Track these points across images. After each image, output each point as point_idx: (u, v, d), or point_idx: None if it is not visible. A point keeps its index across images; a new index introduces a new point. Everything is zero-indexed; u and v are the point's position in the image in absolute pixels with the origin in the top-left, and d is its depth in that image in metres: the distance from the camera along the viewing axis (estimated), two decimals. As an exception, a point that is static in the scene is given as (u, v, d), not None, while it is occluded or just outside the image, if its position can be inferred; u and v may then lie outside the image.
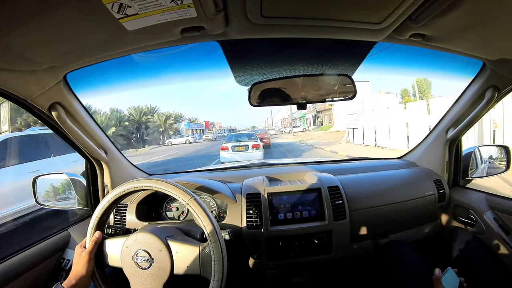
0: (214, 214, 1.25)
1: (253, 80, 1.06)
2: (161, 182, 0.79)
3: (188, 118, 47.15)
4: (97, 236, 0.81)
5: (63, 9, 0.52)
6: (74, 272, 0.77)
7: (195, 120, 50.58)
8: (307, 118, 39.95)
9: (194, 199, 0.77)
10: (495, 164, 1.39)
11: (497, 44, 0.80)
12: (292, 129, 30.51)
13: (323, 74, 1.12)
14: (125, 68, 1.15)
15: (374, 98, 15.87)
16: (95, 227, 0.82)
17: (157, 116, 35.69)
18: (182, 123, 40.52)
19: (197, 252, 0.75)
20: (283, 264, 1.17)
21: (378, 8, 0.62)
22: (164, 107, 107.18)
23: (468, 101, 1.17)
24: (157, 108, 37.00)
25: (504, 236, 1.10)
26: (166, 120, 35.90)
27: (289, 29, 0.72)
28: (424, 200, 1.30)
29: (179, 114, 41.66)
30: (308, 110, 33.52)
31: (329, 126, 28.87)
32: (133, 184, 0.79)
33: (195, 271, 0.74)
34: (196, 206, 0.76)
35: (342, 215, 1.16)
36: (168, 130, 35.87)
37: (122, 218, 1.20)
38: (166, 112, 37.90)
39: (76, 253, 0.80)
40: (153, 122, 34.91)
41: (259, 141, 9.11)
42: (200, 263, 0.74)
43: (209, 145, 22.42)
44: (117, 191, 0.80)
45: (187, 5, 0.56)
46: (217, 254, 0.72)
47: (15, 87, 0.78)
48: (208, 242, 0.74)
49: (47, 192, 1.26)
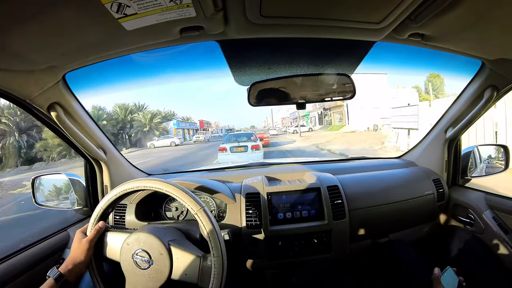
0: (214, 214, 1.25)
1: (252, 80, 1.06)
2: (174, 188, 0.78)
3: (181, 117, 42.13)
4: (100, 225, 0.81)
5: (62, 8, 0.52)
6: (72, 257, 0.76)
7: (189, 119, 45.34)
8: (311, 116, 35.74)
9: (203, 210, 0.76)
10: (494, 163, 1.39)
11: (496, 44, 0.80)
12: (299, 129, 25.56)
13: (322, 73, 1.12)
14: (124, 68, 1.14)
15: (392, 93, 14.79)
16: (98, 217, 0.81)
17: (142, 114, 31.38)
18: (170, 122, 35.22)
19: (197, 262, 0.74)
20: (282, 263, 1.17)
21: (377, 7, 0.62)
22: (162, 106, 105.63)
23: (467, 101, 1.18)
24: (146, 105, 32.94)
25: (503, 235, 1.11)
26: (152, 119, 31.44)
27: (288, 29, 0.72)
28: (423, 200, 1.31)
29: (171, 112, 37.38)
30: (314, 108, 30.21)
31: (340, 126, 24.84)
32: (144, 183, 0.79)
33: (193, 279, 0.74)
34: (205, 218, 0.75)
35: (342, 215, 1.16)
36: (154, 130, 31.07)
37: (122, 218, 1.20)
38: (154, 110, 33.21)
39: (76, 238, 0.79)
40: (138, 121, 30.56)
41: (258, 141, 8.80)
42: (199, 273, 0.74)
43: (197, 149, 18.37)
44: (128, 186, 0.80)
45: (186, 5, 0.56)
46: (218, 268, 0.72)
47: (14, 87, 0.78)
48: (211, 255, 0.73)
49: (46, 192, 1.26)
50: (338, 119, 27.53)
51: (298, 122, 28.07)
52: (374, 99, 14.77)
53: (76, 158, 16.38)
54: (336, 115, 27.88)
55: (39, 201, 1.20)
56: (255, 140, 8.85)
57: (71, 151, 16.98)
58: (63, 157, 19.07)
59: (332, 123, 29.10)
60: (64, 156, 19.04)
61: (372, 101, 15.54)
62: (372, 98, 14.10)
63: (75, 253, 0.77)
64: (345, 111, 23.92)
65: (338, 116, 27.43)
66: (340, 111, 25.95)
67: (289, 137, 23.67)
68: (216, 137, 36.58)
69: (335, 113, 28.09)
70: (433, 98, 16.21)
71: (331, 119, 29.88)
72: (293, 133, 28.41)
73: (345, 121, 24.44)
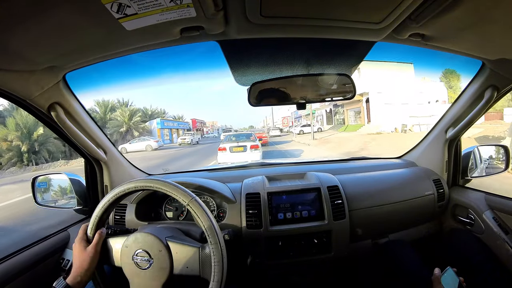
0: (214, 214, 1.25)
1: (252, 80, 1.06)
2: (162, 183, 0.78)
3: (172, 116, 37.50)
4: (102, 231, 0.80)
5: (62, 9, 0.52)
6: (79, 267, 0.74)
7: (180, 118, 39.58)
8: (318, 115, 29.46)
9: (194, 200, 0.76)
10: (494, 163, 1.39)
11: (496, 44, 0.80)
12: (312, 129, 18.72)
13: (322, 74, 1.12)
14: (125, 68, 1.16)
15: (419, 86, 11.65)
16: (95, 226, 0.81)
17: (120, 111, 26.25)
18: (154, 121, 29.12)
19: (197, 253, 0.75)
20: (282, 263, 1.17)
21: (377, 8, 0.62)
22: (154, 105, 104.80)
23: (468, 101, 1.18)
24: (131, 102, 27.93)
25: (503, 236, 1.11)
26: (132, 117, 26.22)
27: (288, 29, 0.72)
28: (423, 200, 1.31)
29: (161, 110, 32.24)
30: (322, 105, 25.27)
31: (358, 125, 20.06)
32: (133, 184, 0.79)
33: (195, 272, 0.74)
34: (197, 207, 0.76)
35: (342, 215, 1.16)
36: (133, 130, 25.71)
37: (122, 218, 1.20)
38: (137, 107, 27.94)
39: (77, 248, 0.77)
40: (115, 120, 25.88)
41: (257, 141, 8.91)
42: (200, 264, 0.74)
43: (170, 158, 13.46)
44: (117, 190, 0.80)
45: (187, 5, 0.56)
46: (217, 256, 0.72)
47: (14, 87, 0.78)
48: (208, 243, 0.74)
49: (46, 192, 1.26)
50: (354, 117, 22.75)
51: (311, 121, 22.34)
52: (401, 93, 11.66)
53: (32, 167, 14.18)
54: (350, 112, 22.91)
55: (39, 201, 1.20)
56: (254, 140, 8.97)
57: (22, 157, 14.71)
58: (13, 165, 14.81)
59: (345, 122, 24.10)
60: (15, 164, 14.85)
61: (399, 96, 12.33)
62: (399, 92, 11.20)
63: (81, 263, 0.75)
64: (364, 107, 18.87)
65: (353, 114, 22.68)
66: (357, 108, 20.95)
67: (297, 140, 17.87)
68: (209, 138, 32.71)
69: (349, 110, 22.95)
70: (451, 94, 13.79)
71: (343, 117, 24.57)
72: (299, 133, 23.07)
73: (364, 120, 19.82)
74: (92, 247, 0.77)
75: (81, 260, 0.75)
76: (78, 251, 0.77)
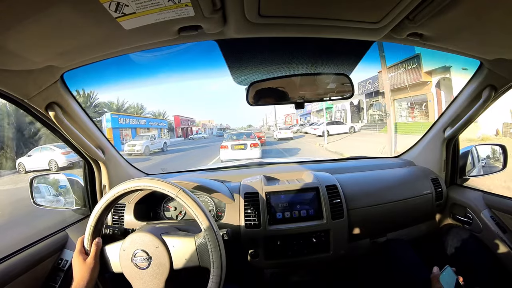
0: (212, 214, 1.25)
1: (251, 79, 1.06)
2: (148, 180, 0.78)
3: (152, 113, 28.74)
4: (97, 241, 0.80)
5: (60, 7, 0.51)
6: (81, 280, 0.73)
7: (160, 115, 29.01)
8: (337, 110, 21.79)
9: (182, 190, 0.76)
10: (492, 163, 1.40)
11: (494, 44, 0.81)
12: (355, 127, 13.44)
13: (321, 73, 1.12)
14: (123, 67, 1.15)
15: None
16: (90, 236, 0.80)
17: None
18: (103, 117, 19.79)
19: (193, 243, 0.75)
20: (281, 263, 1.17)
21: (375, 7, 0.62)
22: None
23: (465, 101, 1.18)
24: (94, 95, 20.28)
25: (501, 234, 1.11)
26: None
27: (287, 28, 0.72)
28: (421, 199, 1.31)
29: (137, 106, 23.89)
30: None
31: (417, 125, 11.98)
32: (122, 187, 0.79)
33: (194, 262, 0.74)
34: (186, 197, 0.76)
35: (340, 214, 1.17)
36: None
37: (120, 218, 1.20)
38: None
39: (77, 262, 0.77)
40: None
41: (257, 140, 9.50)
42: (197, 253, 0.74)
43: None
44: (106, 197, 0.79)
45: (185, 4, 0.56)
46: (213, 241, 0.72)
47: (12, 87, 0.78)
48: (202, 231, 0.74)
49: (45, 193, 1.26)
50: (407, 111, 13.88)
51: (334, 116, 15.77)
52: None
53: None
54: (403, 103, 13.87)
55: (37, 201, 1.19)
56: (253, 138, 9.69)
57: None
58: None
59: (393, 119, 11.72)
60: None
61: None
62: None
63: (82, 275, 0.74)
64: (434, 96, 10.99)
65: (406, 107, 13.84)
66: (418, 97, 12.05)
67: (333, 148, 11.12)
68: (194, 141, 23.18)
69: (396, 100, 13.72)
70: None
71: (383, 112, 15.12)
72: (321, 135, 15.56)
73: (434, 115, 11.37)
74: (91, 258, 0.77)
75: (82, 273, 0.75)
76: (78, 264, 0.76)
